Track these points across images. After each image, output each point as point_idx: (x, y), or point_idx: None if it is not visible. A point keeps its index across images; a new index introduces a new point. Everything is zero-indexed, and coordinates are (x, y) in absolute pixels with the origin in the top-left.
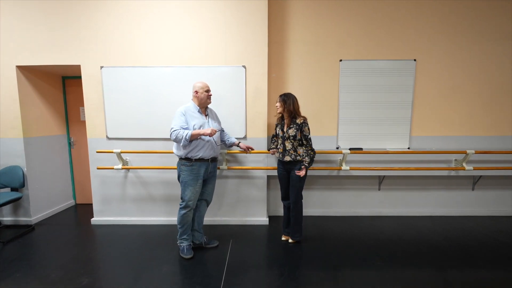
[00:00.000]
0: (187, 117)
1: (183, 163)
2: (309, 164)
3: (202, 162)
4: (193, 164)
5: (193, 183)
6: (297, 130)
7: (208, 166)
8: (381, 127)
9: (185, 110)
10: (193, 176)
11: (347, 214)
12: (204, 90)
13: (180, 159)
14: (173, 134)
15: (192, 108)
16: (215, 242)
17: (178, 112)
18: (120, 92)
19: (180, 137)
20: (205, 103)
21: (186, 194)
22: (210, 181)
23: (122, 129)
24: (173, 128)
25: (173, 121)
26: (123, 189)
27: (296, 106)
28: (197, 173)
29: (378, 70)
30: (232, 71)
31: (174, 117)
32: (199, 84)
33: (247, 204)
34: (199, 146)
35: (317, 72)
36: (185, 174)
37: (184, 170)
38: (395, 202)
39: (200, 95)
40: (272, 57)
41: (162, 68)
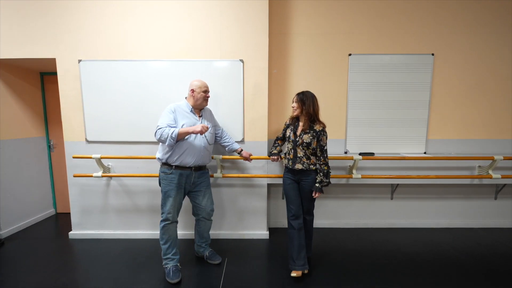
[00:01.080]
0: (176, 115)
1: (162, 169)
2: (328, 183)
3: (183, 171)
4: (172, 172)
5: (172, 193)
6: (313, 137)
7: (190, 175)
8: (394, 130)
9: (175, 107)
10: (172, 186)
11: (356, 226)
12: (202, 90)
13: (161, 164)
14: (157, 132)
15: (184, 106)
16: (217, 258)
17: (167, 109)
18: (101, 89)
19: (165, 135)
20: (201, 105)
21: (164, 205)
22: (201, 193)
23: (103, 131)
24: (159, 125)
25: (160, 119)
26: (105, 199)
27: (316, 108)
28: (177, 183)
29: (392, 66)
30: (227, 66)
31: (162, 114)
32: (196, 83)
33: (245, 215)
34: (180, 149)
35: (323, 68)
36: (164, 182)
37: (163, 177)
38: (410, 212)
39: (196, 94)
40: (273, 50)
41: (148, 62)
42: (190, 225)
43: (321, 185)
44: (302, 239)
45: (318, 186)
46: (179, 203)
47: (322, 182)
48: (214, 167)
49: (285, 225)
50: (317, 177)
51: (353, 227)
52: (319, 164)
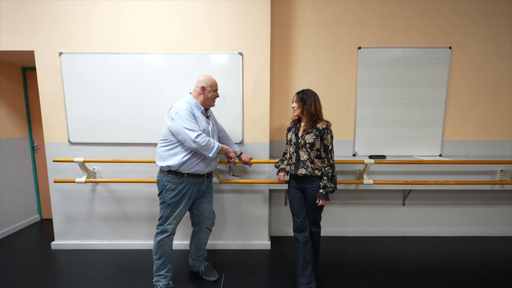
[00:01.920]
0: (195, 117)
1: (169, 179)
2: (334, 189)
3: (197, 179)
4: (184, 181)
5: (178, 205)
6: (316, 137)
7: (202, 184)
8: (406, 130)
9: (192, 108)
10: (180, 197)
11: (365, 235)
12: (213, 89)
13: (163, 171)
14: (201, 138)
15: (195, 106)
16: (214, 274)
17: (187, 111)
18: (85, 85)
19: (211, 145)
20: (210, 105)
21: (166, 216)
22: (206, 200)
23: (88, 132)
24: (196, 131)
25: (185, 122)
26: (91, 206)
27: (318, 107)
28: (187, 192)
29: (405, 60)
30: (225, 60)
31: (182, 116)
32: (208, 79)
33: (244, 224)
34: (200, 156)
35: (330, 63)
36: (169, 194)
37: (169, 188)
38: (423, 219)
39: (207, 94)
40: (276, 43)
41: (137, 56)
42: (186, 235)
43: (326, 191)
44: (307, 253)
45: (322, 192)
46: (183, 214)
47: (326, 187)
48: None
49: (288, 233)
50: (321, 182)
51: (362, 235)
52: (323, 167)
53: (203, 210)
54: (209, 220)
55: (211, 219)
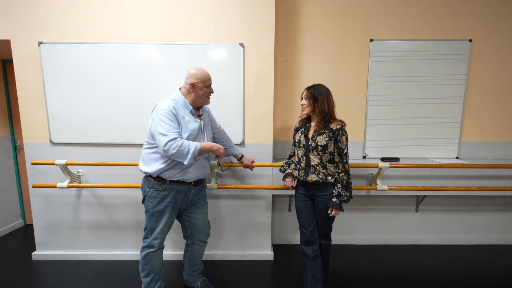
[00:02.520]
0: (179, 119)
1: (151, 185)
2: (349, 198)
3: (182, 187)
4: (166, 188)
5: (164, 216)
6: (330, 138)
7: (189, 192)
8: (421, 130)
9: (175, 108)
10: (163, 206)
11: (375, 243)
12: (205, 85)
13: (146, 176)
14: (170, 145)
15: (182, 105)
16: None
17: (167, 111)
18: (68, 78)
19: (185, 151)
20: (202, 103)
21: (150, 229)
22: (198, 210)
23: (72, 131)
24: (168, 136)
25: (160, 125)
26: (76, 212)
27: (331, 104)
28: (171, 201)
29: (421, 54)
30: (224, 51)
31: (160, 118)
32: (198, 74)
33: (245, 232)
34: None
35: (339, 56)
36: (151, 202)
37: (151, 195)
38: (437, 226)
39: (198, 91)
40: (280, 34)
41: (126, 46)
42: (179, 245)
43: (340, 200)
44: (317, 270)
45: (336, 201)
46: (169, 226)
47: (340, 196)
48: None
49: (292, 241)
50: (334, 190)
51: (371, 244)
52: (337, 173)
53: (195, 222)
54: (202, 233)
55: (205, 231)
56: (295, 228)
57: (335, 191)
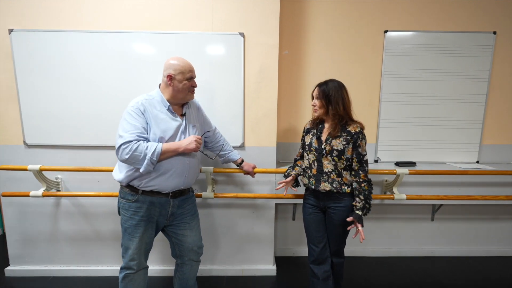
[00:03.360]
0: (148, 117)
1: (123, 195)
2: (368, 211)
3: (156, 198)
4: (138, 199)
5: (137, 232)
6: (347, 143)
7: (167, 205)
8: (439, 132)
9: (144, 104)
10: (136, 221)
11: (387, 255)
12: (186, 77)
13: (120, 184)
14: (122, 150)
15: (158, 102)
16: None
17: (132, 108)
18: (43, 71)
19: (139, 156)
20: (183, 99)
21: (125, 248)
22: (186, 226)
23: (49, 131)
24: (123, 138)
25: (121, 125)
26: (55, 223)
27: (347, 104)
28: (145, 215)
29: (440, 47)
30: (222, 42)
31: (124, 116)
32: (176, 64)
33: (245, 245)
34: (158, 170)
35: (350, 49)
36: (124, 215)
37: (123, 207)
38: (454, 237)
39: (177, 84)
40: (284, 24)
41: (111, 35)
42: (170, 259)
43: (365, 213)
44: None
45: (359, 214)
46: (148, 243)
47: (364, 208)
48: (202, 181)
49: (296, 253)
50: (357, 202)
51: (383, 255)
52: (356, 182)
53: (184, 239)
54: (192, 252)
55: (196, 249)
56: (300, 238)
57: (358, 203)
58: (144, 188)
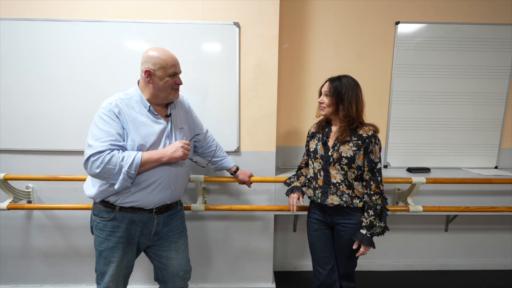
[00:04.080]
0: (124, 121)
1: (97, 212)
2: (383, 231)
3: (137, 215)
4: (115, 217)
5: (112, 254)
6: (358, 148)
7: (150, 223)
8: (454, 134)
9: (119, 105)
10: (113, 243)
11: (397, 269)
12: (168, 73)
13: (93, 202)
14: (93, 163)
15: (137, 102)
16: None
17: (105, 110)
18: (9, 65)
19: (113, 168)
20: (165, 99)
21: (100, 272)
22: (172, 247)
23: (19, 134)
24: (93, 147)
25: (90, 132)
26: (26, 238)
27: (361, 105)
28: (123, 236)
29: (457, 41)
30: (214, 32)
31: (94, 121)
32: (156, 56)
33: (240, 261)
34: (139, 184)
35: (357, 42)
36: (98, 235)
37: (97, 227)
38: (470, 249)
39: (157, 81)
40: (284, 15)
41: (88, 24)
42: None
43: (372, 233)
44: None
45: (366, 234)
46: (128, 267)
47: (373, 226)
48: (192, 190)
49: (297, 267)
50: (364, 218)
51: (392, 269)
52: (367, 194)
53: (168, 263)
54: (178, 277)
55: (182, 274)
56: (302, 251)
57: (366, 219)
58: (122, 204)
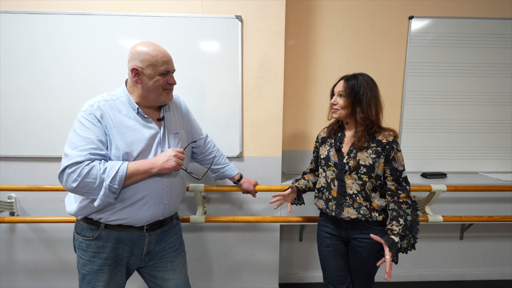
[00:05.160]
0: (107, 125)
1: (79, 230)
2: (413, 245)
3: (125, 233)
4: (100, 235)
5: (97, 279)
6: (377, 156)
7: (141, 241)
8: (470, 136)
9: (101, 107)
10: (98, 266)
11: (409, 279)
12: (158, 71)
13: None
14: (69, 175)
15: (123, 103)
16: None
17: (85, 114)
18: None
19: (93, 182)
20: (156, 101)
21: None
22: (168, 267)
23: (2, 138)
24: (69, 157)
25: (68, 139)
26: (9, 252)
27: (379, 108)
28: (110, 257)
29: (474, 37)
30: (214, 27)
31: (73, 126)
32: (145, 52)
33: (243, 274)
34: (125, 200)
35: (368, 39)
36: (81, 256)
37: (79, 246)
38: (486, 257)
39: (146, 81)
40: (290, 9)
41: (84, 18)
42: None
43: (401, 245)
44: None
45: (395, 240)
46: None
47: (405, 236)
48: (191, 199)
49: (303, 279)
50: (394, 226)
51: (404, 280)
52: (394, 202)
53: (164, 284)
54: None
55: None
56: (307, 261)
57: (396, 227)
58: (108, 222)
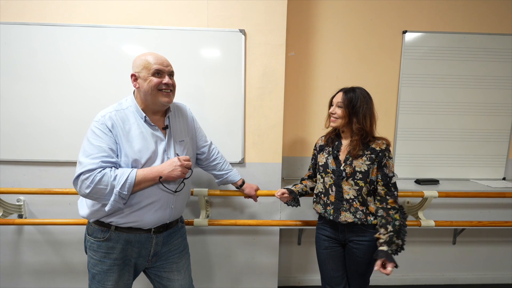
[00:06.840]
0: (117, 134)
1: (91, 231)
2: (400, 249)
3: (134, 235)
4: (111, 237)
5: (107, 278)
6: (372, 162)
7: (148, 243)
8: (462, 145)
9: (112, 117)
10: (108, 266)
11: (403, 283)
12: (151, 72)
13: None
14: (83, 182)
15: (133, 112)
16: None
17: (98, 124)
18: (7, 70)
19: (104, 188)
20: (154, 103)
21: None
22: (172, 268)
23: (9, 143)
24: (83, 165)
25: (82, 148)
26: (16, 254)
27: (373, 119)
28: (119, 258)
29: (465, 51)
30: (218, 40)
31: (86, 136)
32: (138, 60)
33: (243, 277)
34: (134, 204)
35: (364, 51)
36: (92, 257)
37: (91, 247)
38: (478, 262)
39: (142, 83)
40: (290, 22)
41: (90, 30)
42: None
43: (391, 250)
44: None
45: (387, 250)
46: None
47: (392, 243)
48: (194, 203)
49: (302, 282)
50: (381, 234)
51: (399, 284)
52: (383, 209)
53: (169, 284)
54: None
55: None
56: (306, 265)
57: (383, 235)
58: (120, 224)
